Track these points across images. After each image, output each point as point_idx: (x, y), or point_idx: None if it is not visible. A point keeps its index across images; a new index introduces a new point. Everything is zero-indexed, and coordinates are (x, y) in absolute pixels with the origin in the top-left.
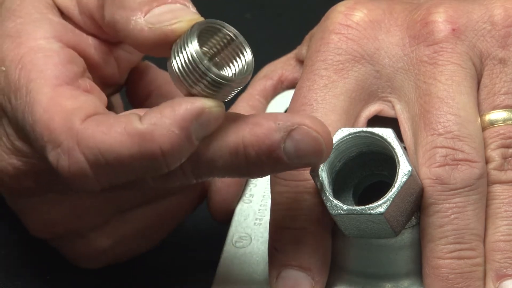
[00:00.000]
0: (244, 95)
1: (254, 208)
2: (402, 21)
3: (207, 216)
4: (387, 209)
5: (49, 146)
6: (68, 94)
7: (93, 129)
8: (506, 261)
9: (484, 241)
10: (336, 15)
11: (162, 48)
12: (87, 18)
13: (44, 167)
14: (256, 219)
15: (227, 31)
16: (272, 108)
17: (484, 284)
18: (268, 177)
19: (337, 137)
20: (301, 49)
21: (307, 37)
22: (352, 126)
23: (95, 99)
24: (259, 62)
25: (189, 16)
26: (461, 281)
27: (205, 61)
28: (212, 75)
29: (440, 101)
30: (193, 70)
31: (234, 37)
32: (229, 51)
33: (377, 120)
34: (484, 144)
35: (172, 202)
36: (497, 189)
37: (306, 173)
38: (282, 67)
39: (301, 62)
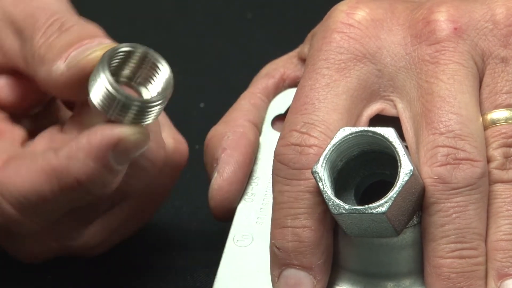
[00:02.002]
0: (245, 94)
1: (255, 207)
2: (404, 20)
3: (208, 214)
4: (389, 208)
5: None
6: None
7: (11, 174)
8: (508, 260)
9: (485, 241)
10: (338, 14)
11: (84, 85)
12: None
13: None
14: (257, 218)
15: (137, 51)
16: (273, 106)
17: (486, 283)
18: (270, 176)
19: (338, 136)
20: (303, 48)
21: (309, 35)
22: (354, 125)
23: (6, 143)
24: (261, 61)
25: (103, 45)
26: (462, 281)
27: (114, 85)
28: (123, 99)
29: (442, 100)
30: (106, 96)
31: (145, 55)
32: (147, 71)
33: (378, 119)
34: (485, 143)
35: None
36: (498, 188)
37: (307, 172)
38: (284, 65)
39: (303, 60)
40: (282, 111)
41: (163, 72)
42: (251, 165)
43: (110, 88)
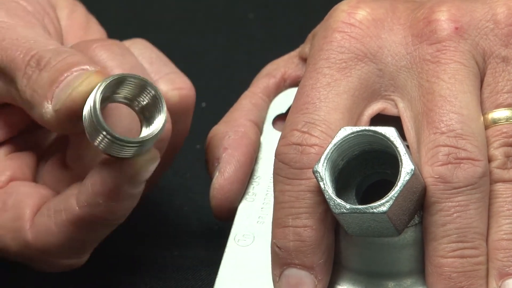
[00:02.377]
0: (247, 93)
1: (256, 207)
2: (405, 20)
3: (209, 214)
4: (390, 208)
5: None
6: (6, 216)
7: (42, 235)
8: (509, 259)
9: (486, 240)
10: (339, 14)
11: (77, 119)
12: None
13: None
14: (258, 218)
15: (130, 78)
16: (274, 106)
17: (487, 282)
18: (271, 175)
19: (339, 135)
20: (304, 48)
21: (310, 35)
22: (355, 124)
23: (21, 191)
24: (262, 61)
25: (83, 77)
26: (463, 280)
27: (109, 131)
28: (120, 142)
29: (443, 99)
30: (95, 130)
31: (144, 85)
32: (147, 101)
33: (380, 119)
34: (487, 143)
35: None
36: (499, 187)
37: (308, 171)
38: (285, 65)
39: (304, 60)
40: (283, 110)
41: (161, 109)
42: (252, 165)
43: (100, 128)
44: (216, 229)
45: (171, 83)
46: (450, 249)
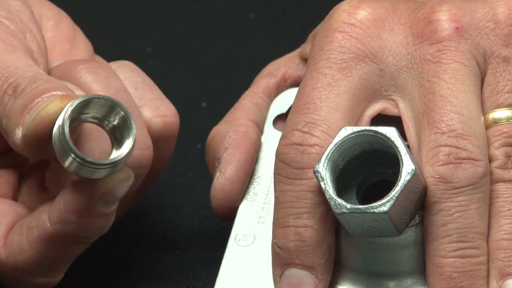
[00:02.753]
0: (247, 93)
1: (257, 207)
2: (406, 20)
3: (210, 213)
4: (391, 207)
5: None
6: None
7: (15, 252)
8: (509, 259)
9: (487, 240)
10: (340, 14)
11: (45, 144)
12: None
13: None
14: (259, 218)
15: (98, 99)
16: (275, 105)
17: (488, 282)
18: (271, 175)
19: (340, 136)
20: (305, 48)
21: (310, 35)
22: (356, 124)
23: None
24: (263, 60)
25: (48, 102)
26: (464, 280)
27: (73, 148)
28: (89, 166)
29: (444, 99)
30: (64, 152)
31: (113, 106)
32: (117, 121)
33: (380, 119)
34: (487, 143)
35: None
36: (500, 187)
37: (309, 171)
38: (285, 65)
39: (305, 60)
40: (284, 110)
41: (131, 130)
42: (253, 165)
43: (68, 151)
44: (216, 229)
45: (155, 109)
46: (451, 249)
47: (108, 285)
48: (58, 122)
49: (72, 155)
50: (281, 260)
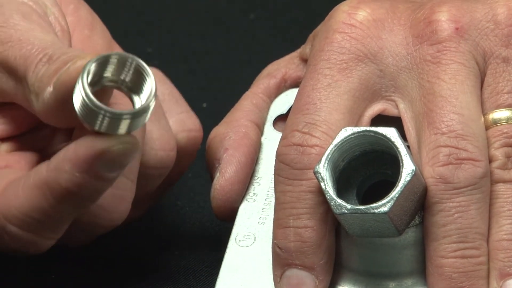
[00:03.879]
0: (247, 94)
1: (257, 207)
2: (406, 20)
3: (210, 214)
4: (391, 208)
5: None
6: None
7: (10, 197)
8: (510, 260)
9: (487, 240)
10: (340, 14)
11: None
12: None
13: None
14: (259, 218)
15: (113, 56)
16: (275, 106)
17: (488, 283)
18: (272, 176)
19: (340, 136)
20: (305, 48)
21: (310, 36)
22: (356, 125)
23: (7, 171)
24: (263, 61)
25: (78, 57)
26: (464, 280)
27: (92, 99)
28: (108, 114)
29: (444, 100)
30: (86, 109)
31: (125, 60)
32: (131, 76)
33: (380, 119)
34: (487, 143)
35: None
36: (500, 188)
37: (309, 172)
38: (285, 65)
39: (305, 61)
40: (284, 111)
41: (147, 77)
42: (253, 165)
43: (90, 104)
44: (217, 229)
45: (182, 124)
46: (451, 249)
47: (108, 284)
48: (80, 82)
49: (99, 110)
50: (282, 260)
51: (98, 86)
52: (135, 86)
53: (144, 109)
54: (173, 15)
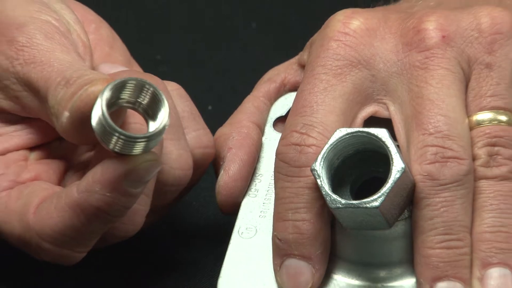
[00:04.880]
0: (249, 97)
1: (259, 202)
2: (396, 29)
3: (215, 209)
4: (382, 203)
5: (23, 246)
6: (14, 196)
7: (43, 217)
8: (491, 250)
9: (471, 232)
10: (335, 23)
11: (89, 128)
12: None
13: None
14: (260, 212)
15: (131, 81)
16: (275, 108)
17: (471, 272)
18: (272, 173)
19: (335, 136)
20: (303, 55)
21: (308, 43)
22: (350, 126)
23: (38, 185)
24: (264, 67)
25: (91, 85)
26: (449, 269)
27: (109, 121)
28: (117, 134)
29: (431, 103)
30: (103, 130)
31: (142, 85)
32: (147, 100)
33: (372, 121)
34: (471, 143)
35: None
36: (483, 184)
37: (307, 170)
38: (285, 71)
39: (302, 66)
40: (283, 113)
41: (162, 104)
42: (255, 163)
43: (108, 128)
44: (221, 223)
45: (198, 141)
46: (437, 241)
47: (115, 276)
48: (98, 103)
49: (116, 134)
50: (281, 251)
51: (115, 107)
52: (151, 110)
53: (158, 133)
54: (180, 25)
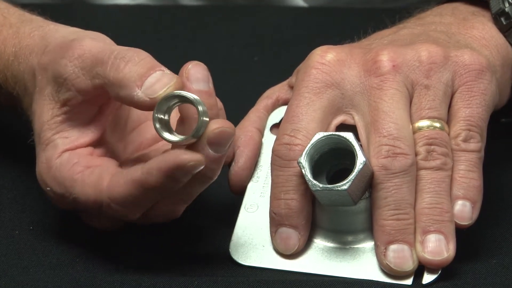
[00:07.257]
0: (252, 110)
1: (260, 185)
2: (359, 60)
3: (227, 191)
4: (349, 186)
5: (95, 207)
6: (87, 175)
7: (114, 185)
8: (429, 221)
9: (414, 208)
10: (315, 56)
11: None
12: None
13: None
14: (261, 193)
15: (188, 97)
16: (272, 118)
17: (414, 237)
18: (269, 165)
19: (315, 138)
20: (292, 79)
21: (295, 70)
22: (326, 130)
23: (106, 166)
24: (264, 88)
25: (170, 81)
26: (399, 235)
27: (159, 130)
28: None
29: (385, 114)
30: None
31: (191, 103)
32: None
33: (342, 127)
34: (414, 143)
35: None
36: (423, 173)
37: (294, 162)
38: (278, 90)
39: (291, 87)
40: (277, 121)
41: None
42: (257, 157)
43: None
44: (231, 202)
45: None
46: (390, 214)
47: (132, 249)
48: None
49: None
50: (275, 222)
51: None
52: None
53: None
54: (189, 58)
